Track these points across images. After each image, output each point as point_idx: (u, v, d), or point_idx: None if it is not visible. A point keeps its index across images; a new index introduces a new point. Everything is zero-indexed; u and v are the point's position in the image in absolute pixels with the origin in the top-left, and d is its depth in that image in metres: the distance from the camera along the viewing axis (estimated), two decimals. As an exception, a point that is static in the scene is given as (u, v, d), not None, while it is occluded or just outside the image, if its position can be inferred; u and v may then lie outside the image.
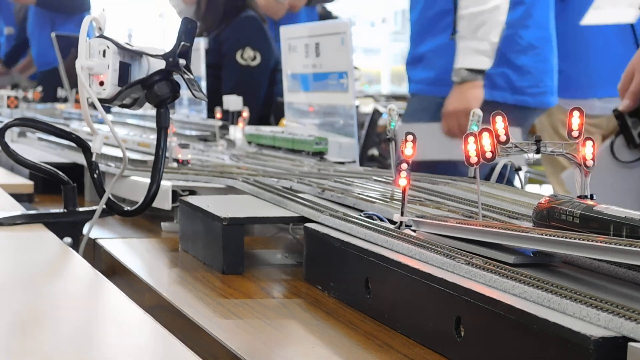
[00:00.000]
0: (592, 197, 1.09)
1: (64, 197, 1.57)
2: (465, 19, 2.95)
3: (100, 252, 1.61)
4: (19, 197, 1.89)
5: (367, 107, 5.20)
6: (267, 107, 4.45)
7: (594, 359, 0.78)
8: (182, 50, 1.38)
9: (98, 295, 1.14)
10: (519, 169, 1.59)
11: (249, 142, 2.46)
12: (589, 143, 1.09)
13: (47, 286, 1.19)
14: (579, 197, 1.09)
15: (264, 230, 1.74)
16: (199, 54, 3.21)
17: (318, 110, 2.34)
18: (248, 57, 4.31)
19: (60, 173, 1.59)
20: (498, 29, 2.94)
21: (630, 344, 0.78)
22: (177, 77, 1.40)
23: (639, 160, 2.09)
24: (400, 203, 1.23)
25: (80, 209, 1.58)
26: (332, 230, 1.29)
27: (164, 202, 1.70)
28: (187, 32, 1.39)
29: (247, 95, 3.18)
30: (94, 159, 1.49)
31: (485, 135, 1.08)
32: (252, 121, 2.92)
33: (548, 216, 1.07)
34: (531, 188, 5.29)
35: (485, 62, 2.95)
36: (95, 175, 1.50)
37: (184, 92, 2.65)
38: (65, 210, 1.57)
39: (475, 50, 2.94)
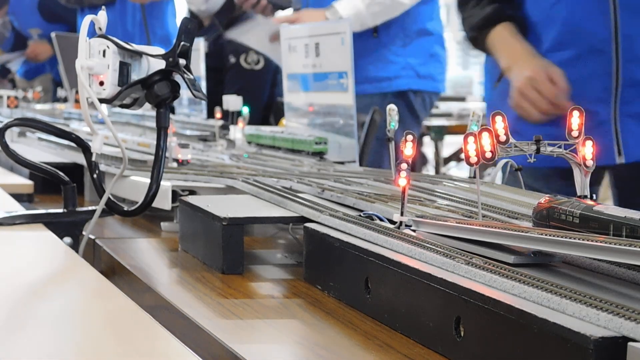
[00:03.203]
0: (591, 197, 1.09)
1: (64, 197, 1.57)
2: None
3: (100, 252, 1.61)
4: (19, 197, 1.89)
5: (367, 107, 5.18)
6: (267, 108, 4.45)
7: (593, 359, 0.79)
8: (182, 50, 1.38)
9: (98, 296, 1.14)
10: (519, 169, 1.59)
11: (249, 142, 2.46)
12: (588, 143, 1.09)
13: (47, 286, 1.20)
14: (579, 197, 1.09)
15: (264, 230, 1.74)
16: (199, 54, 3.21)
17: (318, 110, 2.33)
18: (252, 61, 4.31)
19: (60, 173, 1.59)
20: None
21: (630, 343, 0.78)
22: (177, 77, 1.40)
23: None
24: (400, 203, 1.23)
25: (80, 209, 1.58)
26: (332, 230, 1.28)
27: (163, 202, 1.70)
28: (187, 32, 1.39)
29: (251, 98, 3.18)
30: (94, 159, 1.49)
31: (485, 135, 1.08)
32: (253, 122, 2.92)
33: (548, 216, 1.07)
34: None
35: None
36: (95, 175, 1.50)
37: (184, 92, 2.64)
38: (65, 210, 1.57)
39: None
